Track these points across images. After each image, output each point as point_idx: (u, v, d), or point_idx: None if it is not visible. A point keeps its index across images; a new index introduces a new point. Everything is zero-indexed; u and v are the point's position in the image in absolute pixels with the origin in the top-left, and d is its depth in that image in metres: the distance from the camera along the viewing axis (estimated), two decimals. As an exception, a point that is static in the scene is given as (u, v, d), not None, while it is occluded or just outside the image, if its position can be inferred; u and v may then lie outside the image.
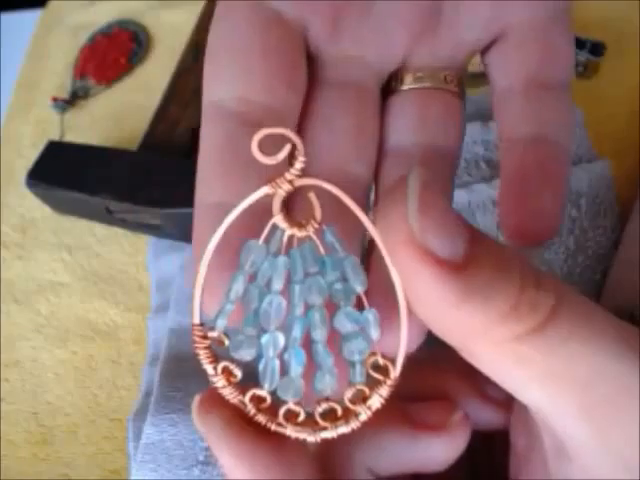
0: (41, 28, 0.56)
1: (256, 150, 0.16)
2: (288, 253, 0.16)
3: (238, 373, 0.17)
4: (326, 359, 0.16)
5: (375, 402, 0.17)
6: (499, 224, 0.21)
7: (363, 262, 0.17)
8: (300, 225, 0.16)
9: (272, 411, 0.17)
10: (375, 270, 0.17)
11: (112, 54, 0.51)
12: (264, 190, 0.16)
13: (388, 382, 0.17)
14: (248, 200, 0.16)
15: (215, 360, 0.17)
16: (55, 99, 0.49)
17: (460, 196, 0.34)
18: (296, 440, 0.17)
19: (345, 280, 0.16)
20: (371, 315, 0.16)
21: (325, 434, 0.17)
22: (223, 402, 0.17)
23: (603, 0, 0.44)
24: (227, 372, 0.17)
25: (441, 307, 0.14)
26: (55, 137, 0.47)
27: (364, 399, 0.17)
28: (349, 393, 0.17)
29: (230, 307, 0.16)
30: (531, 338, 0.14)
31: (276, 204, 0.16)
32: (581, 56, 0.41)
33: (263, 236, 0.16)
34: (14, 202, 0.45)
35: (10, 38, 0.56)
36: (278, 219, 0.16)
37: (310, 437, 0.17)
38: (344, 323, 0.16)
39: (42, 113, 0.50)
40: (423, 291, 0.14)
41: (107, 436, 0.35)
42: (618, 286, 0.32)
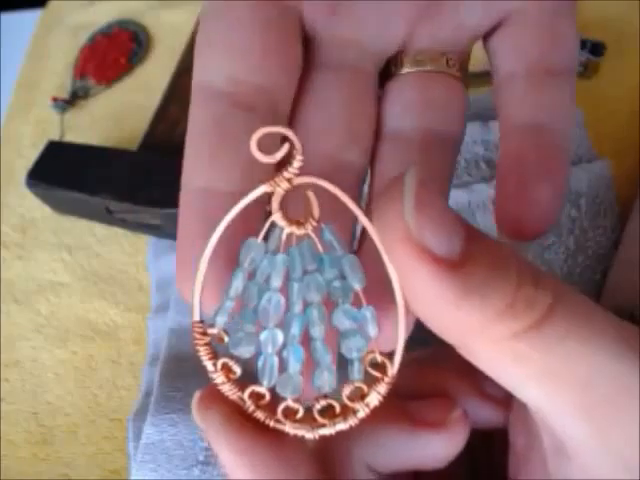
0: (41, 28, 0.56)
1: (255, 149, 0.16)
2: (287, 251, 0.16)
3: (237, 370, 0.17)
4: (324, 356, 0.16)
5: (373, 399, 0.17)
6: (493, 215, 0.20)
7: None
8: (299, 223, 0.16)
9: (271, 408, 0.17)
10: (366, 266, 0.17)
11: (112, 54, 0.51)
12: (263, 188, 0.16)
13: (386, 379, 0.17)
14: (247, 199, 0.16)
15: (215, 357, 0.17)
16: (55, 99, 0.49)
17: (460, 196, 0.34)
18: (295, 436, 0.17)
19: (343, 278, 0.16)
20: (369, 312, 0.16)
21: (323, 431, 0.17)
22: (223, 398, 0.17)
23: (603, 0, 0.44)
24: (226, 369, 0.17)
25: (439, 305, 0.14)
26: (55, 137, 0.47)
27: (362, 396, 0.17)
28: (347, 390, 0.17)
29: (230, 304, 0.16)
30: (528, 336, 0.14)
31: (275, 202, 0.16)
32: (581, 56, 0.41)
33: (262, 234, 0.16)
34: (14, 202, 0.45)
35: (10, 38, 0.56)
36: (277, 217, 0.16)
37: (308, 434, 0.17)
38: (342, 320, 0.16)
39: (42, 113, 0.50)
40: (420, 289, 0.14)
41: (107, 436, 0.35)
42: (618, 286, 0.32)
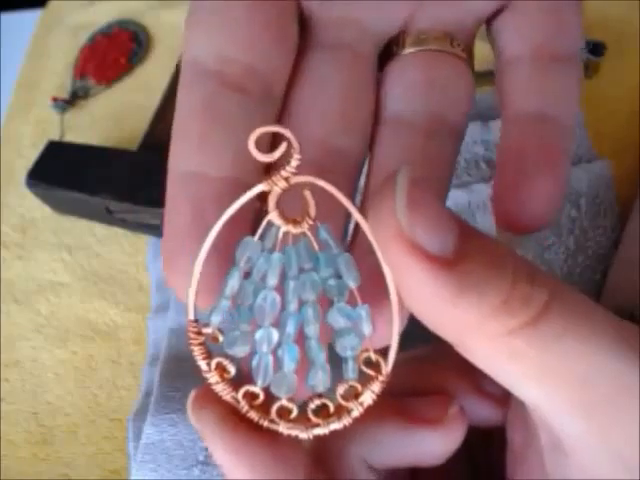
0: (41, 28, 0.56)
1: (253, 147, 0.16)
2: (283, 249, 0.16)
3: (232, 369, 0.17)
4: (319, 355, 0.16)
5: (367, 398, 0.17)
6: (492, 209, 0.19)
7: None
8: (295, 222, 0.16)
9: (265, 408, 0.17)
10: (359, 263, 0.17)
11: (112, 54, 0.51)
12: (260, 187, 0.16)
13: (380, 378, 0.17)
14: (244, 198, 0.16)
15: (209, 356, 0.17)
16: (55, 99, 0.49)
17: (460, 196, 0.34)
18: (290, 436, 0.17)
19: (339, 276, 0.16)
20: (364, 311, 0.16)
21: (317, 431, 0.17)
22: (217, 398, 0.17)
23: (603, 0, 0.44)
24: (221, 368, 0.17)
25: (434, 302, 0.14)
26: (55, 137, 0.47)
27: (356, 395, 0.17)
28: (341, 389, 0.17)
29: (225, 303, 0.16)
30: (524, 332, 0.14)
31: (272, 201, 0.16)
32: (581, 56, 0.41)
33: (258, 233, 0.16)
34: (14, 202, 0.45)
35: (10, 38, 0.55)
36: (273, 216, 0.16)
37: (302, 434, 0.17)
38: (337, 319, 0.16)
39: (42, 113, 0.50)
40: (415, 286, 0.14)
41: (107, 436, 0.35)
42: (618, 286, 0.32)
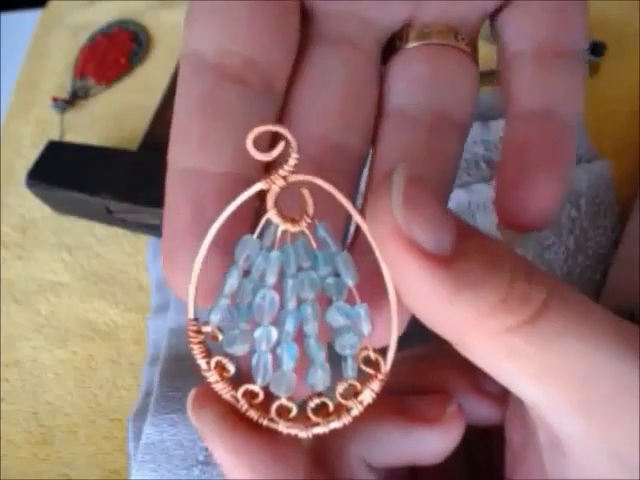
0: (41, 28, 0.56)
1: (251, 146, 0.16)
2: (282, 248, 0.16)
3: (231, 368, 0.17)
4: (318, 354, 0.16)
5: (367, 397, 0.17)
6: (494, 206, 0.19)
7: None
8: (293, 220, 0.16)
9: (264, 406, 0.17)
10: (358, 263, 0.17)
11: (112, 54, 0.51)
12: (259, 186, 0.16)
13: (379, 376, 0.17)
14: (242, 197, 0.16)
15: (208, 355, 0.17)
16: (55, 99, 0.49)
17: (460, 196, 0.34)
18: (289, 435, 0.17)
19: (337, 275, 0.16)
20: (362, 310, 0.16)
21: (317, 430, 0.17)
22: (217, 397, 0.17)
23: (603, 0, 0.44)
24: (220, 367, 0.17)
25: (432, 300, 0.14)
26: (55, 137, 0.47)
27: (356, 394, 0.17)
28: (341, 388, 0.17)
29: (225, 302, 0.16)
30: (522, 330, 0.14)
31: (270, 200, 0.16)
32: (581, 56, 0.41)
33: (257, 231, 0.16)
34: (14, 202, 0.45)
35: (10, 38, 0.55)
36: (272, 214, 0.16)
37: (302, 433, 0.17)
38: (336, 317, 0.16)
39: (42, 113, 0.50)
40: (413, 284, 0.14)
41: (107, 436, 0.35)
42: (618, 286, 0.32)
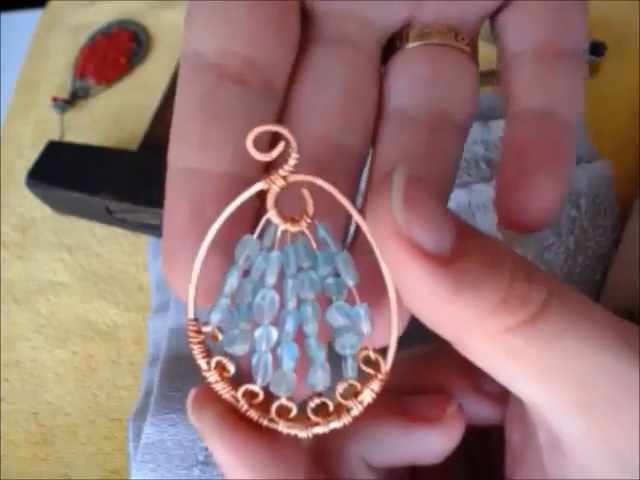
0: (41, 28, 0.56)
1: (251, 146, 0.16)
2: (282, 248, 0.16)
3: (231, 368, 0.17)
4: (318, 353, 0.16)
5: (367, 397, 0.17)
6: (494, 206, 0.19)
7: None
8: (293, 220, 0.16)
9: (264, 406, 0.17)
10: (359, 263, 0.17)
11: (112, 54, 0.51)
12: (259, 186, 0.16)
13: (379, 376, 0.17)
14: (242, 197, 0.16)
15: (208, 355, 0.17)
16: (55, 99, 0.49)
17: (460, 196, 0.34)
18: (289, 435, 0.17)
19: (337, 275, 0.16)
20: (362, 309, 0.16)
21: (317, 429, 0.17)
22: (217, 397, 0.17)
23: (603, 0, 0.44)
24: (220, 367, 0.17)
25: (432, 300, 0.14)
26: (55, 137, 0.47)
27: (356, 394, 0.17)
28: (341, 388, 0.17)
29: (225, 302, 0.16)
30: (522, 330, 0.14)
31: (270, 200, 0.16)
32: (581, 56, 0.41)
33: (257, 231, 0.16)
34: (14, 202, 0.45)
35: (10, 38, 0.55)
36: (272, 214, 0.16)
37: (302, 433, 0.17)
38: (336, 317, 0.16)
39: (42, 113, 0.50)
40: (413, 284, 0.14)
41: (107, 436, 0.35)
42: (618, 286, 0.32)
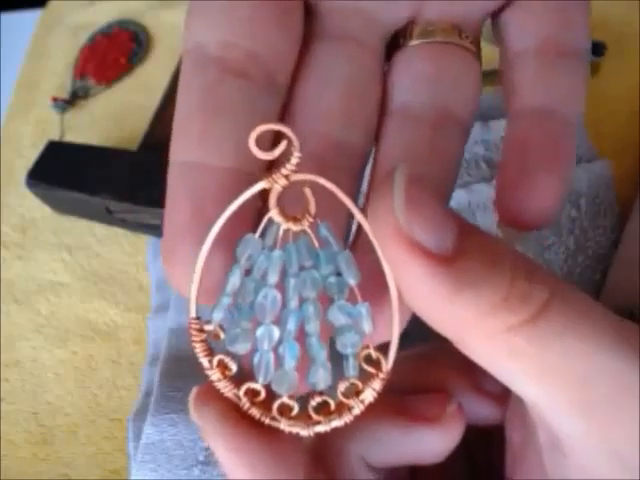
0: (41, 28, 0.56)
1: (253, 146, 0.16)
2: (283, 247, 0.16)
3: (233, 367, 0.17)
4: (319, 352, 0.16)
5: (368, 396, 0.17)
6: (495, 204, 0.19)
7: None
8: (295, 219, 0.16)
9: (266, 405, 0.17)
10: (361, 262, 0.17)
11: (112, 54, 0.51)
12: (261, 185, 0.16)
13: (380, 375, 0.17)
14: (244, 196, 0.16)
15: (210, 354, 0.17)
16: (55, 99, 0.49)
17: (460, 196, 0.34)
18: (290, 434, 0.17)
19: (339, 274, 0.16)
20: (364, 309, 0.16)
21: (319, 428, 0.17)
22: (219, 395, 0.17)
23: (603, 0, 0.44)
24: (222, 365, 0.17)
25: (433, 300, 0.14)
26: (55, 137, 0.47)
27: (357, 393, 0.17)
28: (342, 387, 0.17)
29: (227, 300, 0.16)
30: (523, 330, 0.14)
31: (272, 199, 0.16)
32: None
33: (259, 230, 0.16)
34: (14, 202, 0.45)
35: (10, 38, 0.56)
36: (274, 213, 0.16)
37: (304, 431, 0.17)
38: (338, 316, 0.16)
39: (42, 113, 0.50)
40: (414, 284, 0.14)
41: (107, 436, 0.35)
42: (618, 286, 0.32)
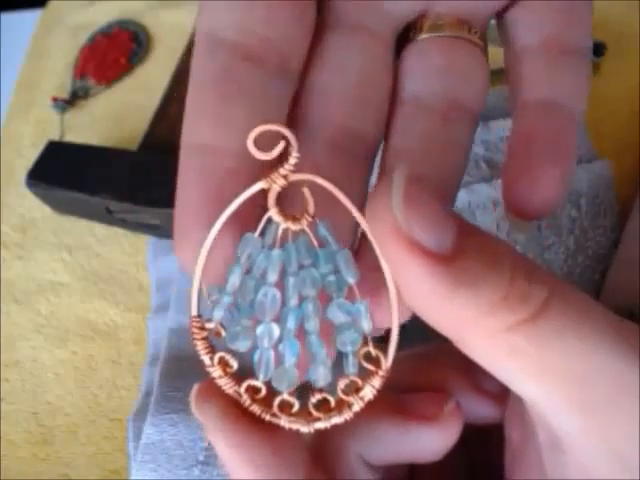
0: (41, 28, 0.56)
1: (252, 146, 0.16)
2: (283, 246, 0.16)
3: (234, 364, 0.17)
4: (319, 350, 0.17)
5: (367, 393, 0.17)
6: (502, 193, 0.19)
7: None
8: (294, 219, 0.16)
9: (267, 402, 0.17)
10: (365, 260, 0.17)
11: (112, 54, 0.51)
12: (259, 185, 0.16)
13: (380, 373, 0.17)
14: (243, 196, 0.16)
15: (212, 351, 0.17)
16: (55, 99, 0.49)
17: (460, 196, 0.34)
18: (291, 431, 0.17)
19: (338, 272, 0.16)
20: (363, 307, 0.16)
21: (319, 425, 0.17)
22: (220, 392, 0.17)
23: (603, 0, 0.44)
24: (223, 363, 0.17)
25: (432, 299, 0.14)
26: (55, 137, 0.47)
27: (357, 390, 0.17)
28: (342, 384, 0.17)
29: (228, 299, 0.17)
30: (523, 329, 0.14)
31: (271, 198, 0.16)
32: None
33: (259, 230, 0.16)
34: (14, 202, 0.45)
35: (10, 38, 0.56)
36: (273, 213, 0.16)
37: (304, 428, 0.17)
38: (337, 314, 0.16)
39: (42, 113, 0.50)
40: (413, 283, 0.14)
41: (107, 436, 0.35)
42: (618, 286, 0.32)
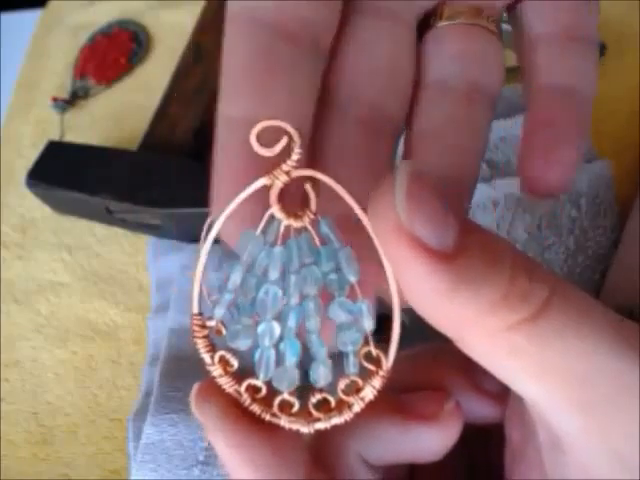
0: (41, 28, 0.56)
1: (254, 142, 0.16)
2: (285, 243, 0.16)
3: (234, 363, 0.17)
4: (320, 349, 0.16)
5: (368, 393, 0.17)
6: (517, 171, 0.20)
7: None
8: (296, 216, 0.16)
9: (267, 401, 0.17)
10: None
11: (112, 54, 0.51)
12: (262, 181, 0.16)
13: (380, 373, 0.17)
14: (245, 192, 0.16)
15: (212, 349, 0.17)
16: (55, 99, 0.49)
17: (460, 196, 0.34)
18: (291, 431, 0.17)
19: (339, 270, 0.16)
20: (364, 306, 0.16)
21: (319, 425, 0.17)
22: (220, 391, 0.17)
23: (603, 0, 0.44)
24: (224, 362, 0.17)
25: (433, 297, 0.14)
26: (55, 137, 0.47)
27: (357, 390, 0.17)
28: (342, 384, 0.17)
29: (229, 297, 0.17)
30: (523, 328, 0.14)
31: (273, 195, 0.16)
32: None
33: (260, 226, 0.16)
34: (14, 202, 0.45)
35: (10, 38, 0.56)
36: (275, 210, 0.16)
37: (304, 428, 0.17)
38: (338, 313, 0.16)
39: (42, 113, 0.50)
40: (414, 281, 0.14)
41: (107, 436, 0.35)
42: (618, 286, 0.32)
